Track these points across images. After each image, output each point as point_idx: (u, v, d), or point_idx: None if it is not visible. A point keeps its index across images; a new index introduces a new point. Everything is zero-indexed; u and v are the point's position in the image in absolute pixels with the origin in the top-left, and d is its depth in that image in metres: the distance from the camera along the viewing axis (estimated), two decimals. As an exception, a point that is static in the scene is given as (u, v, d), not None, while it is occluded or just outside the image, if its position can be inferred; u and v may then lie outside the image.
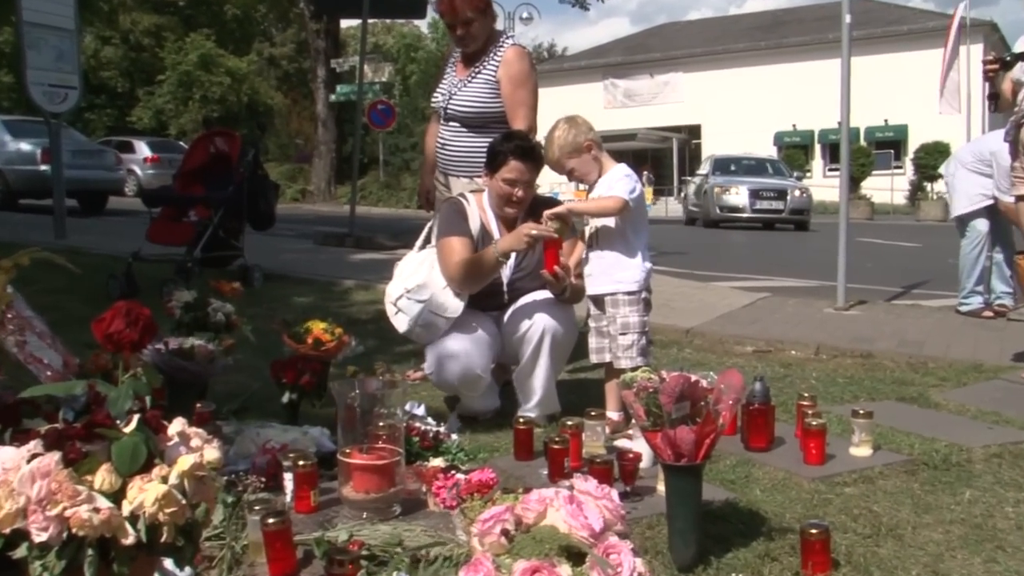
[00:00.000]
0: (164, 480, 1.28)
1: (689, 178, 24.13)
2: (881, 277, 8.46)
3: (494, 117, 3.73)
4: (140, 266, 5.98)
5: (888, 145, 31.27)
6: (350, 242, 10.15)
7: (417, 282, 3.37)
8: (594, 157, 3.07)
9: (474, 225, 3.31)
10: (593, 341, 3.19)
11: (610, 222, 3.06)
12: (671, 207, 26.52)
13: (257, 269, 6.62)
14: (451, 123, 3.81)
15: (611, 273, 3.08)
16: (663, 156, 35.39)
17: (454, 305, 3.22)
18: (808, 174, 28.91)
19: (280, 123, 38.11)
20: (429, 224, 3.57)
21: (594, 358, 3.20)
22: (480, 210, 3.34)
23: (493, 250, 3.12)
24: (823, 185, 26.52)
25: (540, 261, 3.19)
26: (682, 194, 24.88)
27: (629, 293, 3.07)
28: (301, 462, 2.31)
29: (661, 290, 3.21)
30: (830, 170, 31.13)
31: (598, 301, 3.15)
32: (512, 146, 3.17)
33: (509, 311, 3.28)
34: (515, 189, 3.18)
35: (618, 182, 3.04)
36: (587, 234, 3.15)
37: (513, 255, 3.28)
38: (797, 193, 17.94)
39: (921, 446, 3.00)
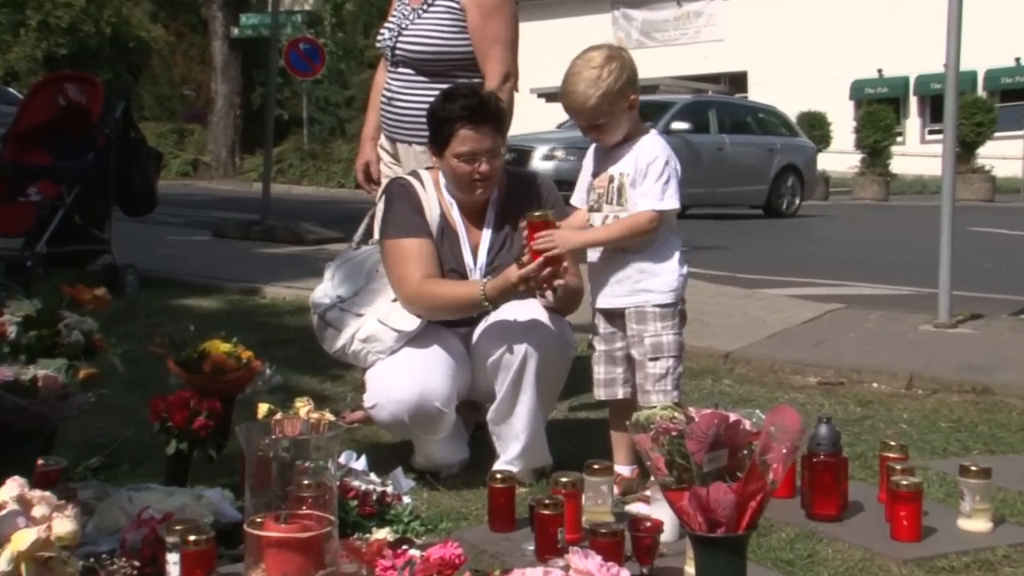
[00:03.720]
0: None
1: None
2: (1004, 282, 8.56)
3: (458, 60, 3.76)
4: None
5: (1019, 96, 31.31)
6: (262, 232, 10.18)
7: (355, 288, 3.40)
8: (629, 117, 3.11)
9: (432, 215, 3.34)
10: (601, 370, 3.22)
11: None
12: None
13: (131, 270, 6.62)
14: (401, 69, 3.85)
15: (635, 280, 3.12)
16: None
17: (407, 319, 3.26)
18: (899, 139, 29.08)
19: (160, 66, 37.86)
20: (372, 211, 3.60)
21: (601, 393, 3.23)
22: (438, 193, 3.38)
23: (479, 291, 3.14)
24: (921, 154, 26.74)
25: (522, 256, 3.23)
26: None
27: (661, 306, 3.11)
28: (192, 538, 2.31)
29: (692, 300, 3.25)
30: (931, 132, 31.34)
31: (611, 315, 3.18)
32: (457, 108, 3.20)
33: (481, 327, 3.31)
34: (476, 165, 3.22)
35: (654, 178, 3.05)
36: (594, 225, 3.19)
37: (485, 242, 3.31)
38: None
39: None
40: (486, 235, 3.36)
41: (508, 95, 3.69)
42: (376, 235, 3.52)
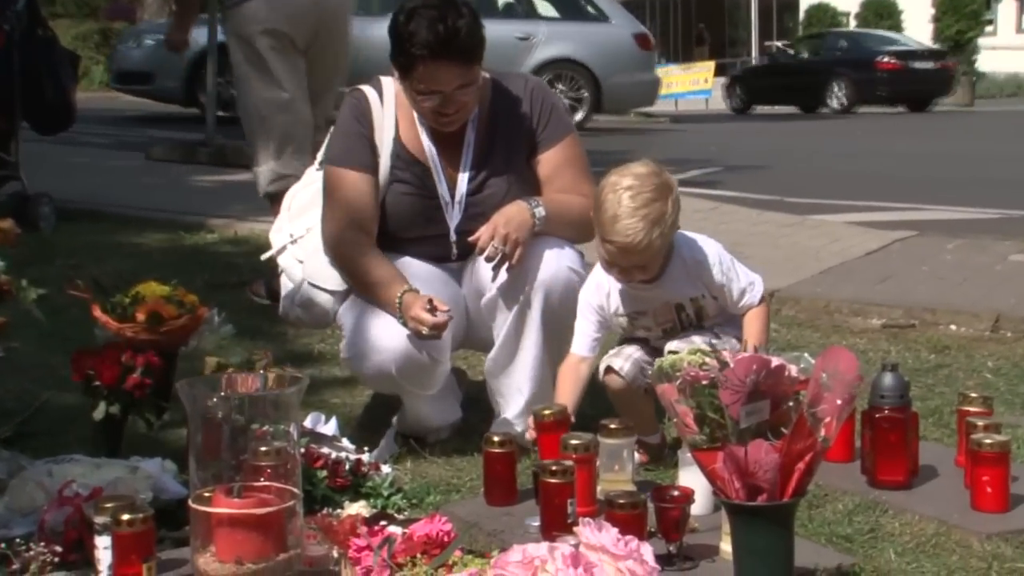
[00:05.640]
0: None
1: (777, 44, 24.07)
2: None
3: None
4: None
5: None
6: (208, 155, 10.12)
7: (307, 225, 3.43)
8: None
9: (383, 140, 3.35)
10: (640, 353, 3.21)
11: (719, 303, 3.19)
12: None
13: (45, 200, 6.61)
14: None
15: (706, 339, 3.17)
16: (730, 5, 35.21)
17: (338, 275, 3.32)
18: (988, 29, 28.77)
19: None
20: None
21: (626, 369, 3.17)
22: (400, 111, 3.38)
23: (396, 297, 3.16)
24: (1017, 47, 26.45)
25: (507, 196, 3.26)
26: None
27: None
28: (126, 517, 2.33)
29: (730, 229, 3.28)
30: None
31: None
32: (421, 41, 3.13)
33: (474, 260, 3.33)
34: (443, 107, 3.21)
35: (732, 279, 3.14)
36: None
37: (465, 171, 3.33)
38: None
39: None
40: (466, 162, 3.36)
41: None
42: None
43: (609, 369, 3.18)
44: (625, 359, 3.17)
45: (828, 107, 24.18)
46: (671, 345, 3.03)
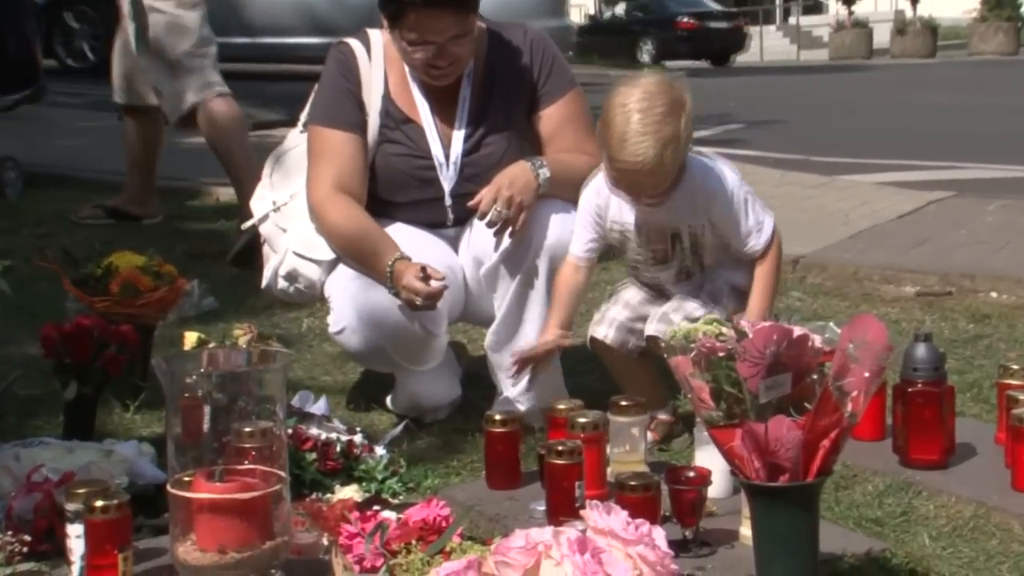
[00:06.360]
0: None
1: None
2: None
3: None
4: None
5: None
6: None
7: (291, 191, 3.43)
8: None
9: (371, 98, 3.35)
10: (624, 314, 3.23)
11: (722, 243, 3.17)
12: (771, 43, 26.35)
13: (11, 165, 6.61)
14: None
15: (721, 296, 3.20)
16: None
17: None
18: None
19: None
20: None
21: (611, 337, 3.20)
22: (388, 66, 3.38)
23: (387, 265, 3.16)
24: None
25: (506, 156, 3.27)
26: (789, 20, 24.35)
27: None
28: (100, 504, 2.33)
29: (753, 190, 3.25)
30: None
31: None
32: None
33: (471, 226, 3.33)
34: (435, 59, 3.20)
35: (744, 214, 3.10)
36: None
37: (460, 129, 3.33)
38: None
39: None
40: (461, 119, 3.36)
41: None
42: None
43: (593, 340, 3.21)
44: (608, 325, 3.19)
45: (640, 62, 27.58)
46: (656, 316, 3.08)
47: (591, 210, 3.16)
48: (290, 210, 3.42)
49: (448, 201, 3.36)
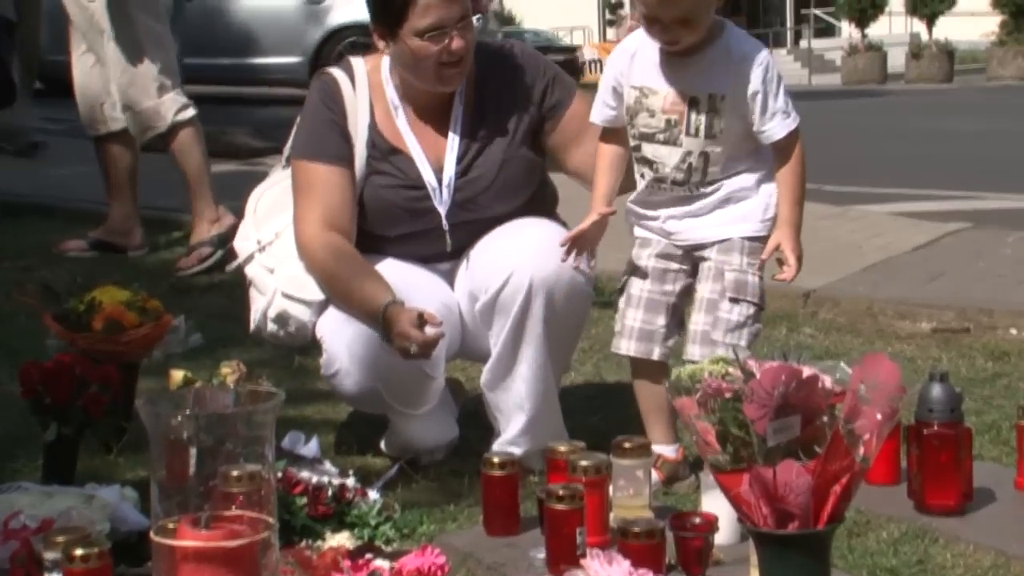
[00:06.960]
0: None
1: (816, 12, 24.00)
2: None
3: None
4: None
5: None
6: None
7: (276, 229, 3.43)
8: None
9: (357, 129, 3.36)
10: (636, 316, 3.24)
11: (737, 131, 3.16)
12: (782, 67, 26.54)
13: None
14: None
15: (724, 209, 3.19)
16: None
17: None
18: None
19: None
20: None
21: (631, 347, 3.24)
22: (374, 94, 3.40)
23: (380, 306, 3.17)
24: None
25: (507, 179, 3.30)
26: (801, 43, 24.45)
27: (752, 239, 3.18)
28: (79, 552, 2.33)
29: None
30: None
31: (668, 254, 3.25)
32: None
33: (467, 259, 3.35)
34: (445, 42, 3.20)
35: (774, 91, 3.11)
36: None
37: (453, 151, 3.34)
38: None
39: None
40: (453, 141, 3.38)
41: None
42: None
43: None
44: (628, 336, 3.22)
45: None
46: (696, 336, 3.11)
47: (614, 72, 3.21)
48: (276, 249, 3.42)
49: (445, 226, 3.36)
